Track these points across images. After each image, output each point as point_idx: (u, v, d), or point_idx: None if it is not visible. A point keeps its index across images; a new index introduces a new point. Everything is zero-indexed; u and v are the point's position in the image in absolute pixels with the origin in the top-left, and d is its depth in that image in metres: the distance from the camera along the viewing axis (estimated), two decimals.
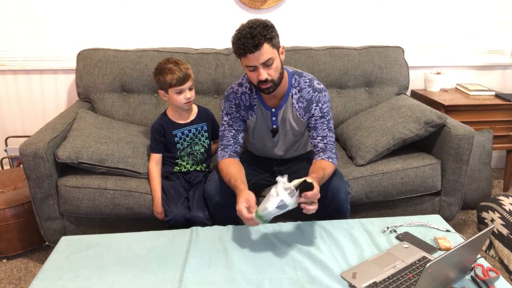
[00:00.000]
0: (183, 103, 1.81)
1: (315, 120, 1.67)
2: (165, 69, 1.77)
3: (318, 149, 1.66)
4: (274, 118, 1.72)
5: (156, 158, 1.89)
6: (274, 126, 1.74)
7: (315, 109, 1.67)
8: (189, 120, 1.92)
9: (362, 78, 2.44)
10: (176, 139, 1.89)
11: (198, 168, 1.96)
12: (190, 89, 1.82)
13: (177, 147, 1.90)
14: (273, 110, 1.70)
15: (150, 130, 1.91)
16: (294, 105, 1.69)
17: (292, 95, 1.68)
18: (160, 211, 1.81)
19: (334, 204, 1.64)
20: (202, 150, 1.94)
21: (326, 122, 1.68)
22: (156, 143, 1.88)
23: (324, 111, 1.67)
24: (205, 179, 1.90)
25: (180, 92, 1.79)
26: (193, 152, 1.92)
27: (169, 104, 1.90)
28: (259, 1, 2.53)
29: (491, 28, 2.77)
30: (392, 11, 2.67)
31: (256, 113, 1.72)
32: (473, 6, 2.70)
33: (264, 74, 1.50)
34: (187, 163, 1.94)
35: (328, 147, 1.65)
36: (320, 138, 1.67)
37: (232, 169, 1.61)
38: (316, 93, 1.67)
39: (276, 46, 1.52)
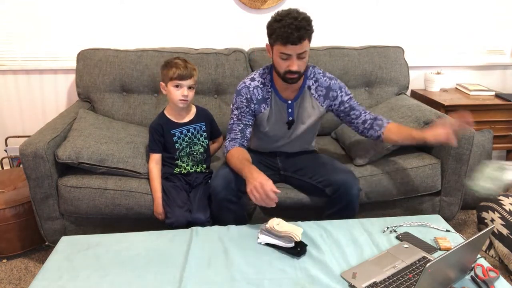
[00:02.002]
0: (178, 99, 1.80)
1: (348, 103, 1.76)
2: (172, 62, 1.80)
3: (371, 119, 1.76)
4: (290, 110, 1.75)
5: (156, 158, 1.89)
6: (290, 118, 1.77)
7: (340, 95, 1.75)
8: (187, 120, 1.91)
9: (362, 78, 2.44)
10: (175, 138, 1.88)
11: (198, 169, 1.95)
12: (190, 87, 1.81)
13: (176, 147, 1.89)
14: (289, 102, 1.74)
15: (148, 130, 1.90)
16: (313, 95, 1.75)
17: (309, 86, 1.74)
18: (161, 211, 1.81)
19: (345, 200, 1.67)
20: (201, 150, 1.93)
21: (355, 101, 1.77)
22: (155, 143, 1.88)
23: (348, 93, 1.77)
24: (205, 180, 1.90)
25: (177, 86, 1.79)
26: (192, 152, 1.92)
27: (168, 101, 1.89)
28: (259, 1, 2.53)
29: (491, 28, 2.77)
30: (392, 11, 2.67)
31: (269, 105, 1.75)
32: (473, 6, 2.70)
33: (296, 65, 1.56)
34: (187, 164, 1.93)
35: (377, 115, 1.77)
36: (363, 112, 1.76)
37: (242, 154, 1.67)
38: (333, 81, 1.76)
39: (311, 40, 1.59)
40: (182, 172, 1.93)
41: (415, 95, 2.71)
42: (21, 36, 2.51)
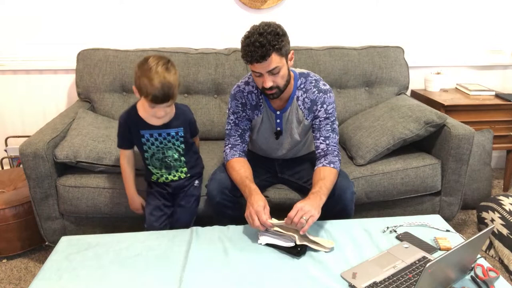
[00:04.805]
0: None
1: (320, 121, 1.67)
2: (148, 77, 1.43)
3: (319, 151, 1.66)
4: (278, 121, 1.72)
5: (126, 154, 1.68)
6: (278, 129, 1.74)
7: (319, 111, 1.67)
8: (161, 123, 1.60)
9: (362, 78, 2.44)
10: (143, 140, 1.63)
11: (176, 178, 1.74)
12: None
13: (144, 149, 1.65)
14: (278, 112, 1.70)
15: (118, 123, 1.65)
16: (300, 107, 1.69)
17: (297, 97, 1.68)
18: (138, 207, 1.77)
19: (340, 204, 1.64)
20: (176, 155, 1.69)
21: (330, 123, 1.67)
22: (122, 137, 1.65)
23: (329, 112, 1.67)
24: (189, 184, 1.77)
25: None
26: (165, 159, 1.68)
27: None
28: (259, 1, 2.53)
29: (491, 28, 2.77)
30: (392, 11, 2.67)
31: (262, 113, 1.72)
32: (473, 6, 2.70)
33: (269, 82, 1.50)
34: (158, 171, 1.71)
35: (330, 149, 1.65)
36: (322, 139, 1.66)
37: (245, 170, 1.64)
38: (321, 94, 1.66)
39: (285, 54, 1.51)
40: (159, 179, 1.73)
41: (415, 95, 2.71)
42: (21, 36, 2.51)
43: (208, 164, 2.00)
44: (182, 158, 1.72)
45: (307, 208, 1.39)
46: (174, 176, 1.74)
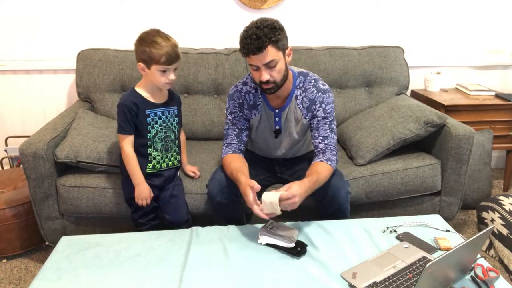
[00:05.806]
0: (164, 83, 1.63)
1: (318, 120, 1.67)
2: (155, 43, 1.58)
3: (318, 149, 1.67)
4: (277, 119, 1.72)
5: (131, 139, 1.68)
6: (277, 127, 1.74)
7: (318, 110, 1.67)
8: (163, 101, 1.73)
9: (362, 78, 2.44)
10: (149, 119, 1.69)
11: (171, 163, 1.79)
12: (174, 69, 1.64)
13: (148, 129, 1.70)
14: (277, 111, 1.70)
15: (118, 109, 1.67)
16: (298, 106, 1.69)
17: (296, 96, 1.68)
18: (147, 195, 1.70)
19: (335, 204, 1.64)
20: (172, 136, 1.77)
21: (328, 123, 1.67)
22: (128, 123, 1.65)
23: (328, 111, 1.67)
24: (175, 174, 1.83)
25: (164, 71, 1.60)
26: (166, 138, 1.75)
27: (145, 80, 1.70)
28: (259, 1, 2.53)
29: (491, 28, 2.77)
30: (392, 11, 2.67)
31: (260, 112, 1.72)
32: (473, 5, 2.70)
33: (265, 75, 1.50)
34: (160, 152, 1.74)
35: (328, 148, 1.66)
36: (321, 138, 1.67)
37: (235, 163, 1.64)
38: (320, 93, 1.66)
39: (282, 48, 1.51)
40: (155, 167, 1.75)
41: (415, 95, 2.71)
42: (21, 36, 2.51)
43: (208, 164, 2.01)
44: (176, 141, 1.81)
45: (298, 200, 1.41)
46: (170, 160, 1.79)
